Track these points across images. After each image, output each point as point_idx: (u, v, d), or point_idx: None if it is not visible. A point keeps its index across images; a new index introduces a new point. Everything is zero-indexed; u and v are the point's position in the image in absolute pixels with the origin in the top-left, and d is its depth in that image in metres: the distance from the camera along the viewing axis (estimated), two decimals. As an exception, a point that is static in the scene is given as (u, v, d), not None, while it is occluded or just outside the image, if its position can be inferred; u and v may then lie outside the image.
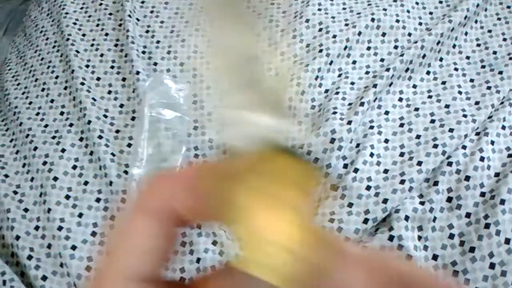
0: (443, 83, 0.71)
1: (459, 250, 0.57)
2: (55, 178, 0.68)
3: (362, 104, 0.66)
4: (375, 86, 0.68)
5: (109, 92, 0.76)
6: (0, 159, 0.73)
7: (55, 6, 0.88)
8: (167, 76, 0.75)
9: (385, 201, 0.60)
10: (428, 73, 0.72)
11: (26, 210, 0.68)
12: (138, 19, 0.82)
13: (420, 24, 0.76)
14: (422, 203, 0.60)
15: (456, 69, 0.72)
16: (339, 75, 0.73)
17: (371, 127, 0.66)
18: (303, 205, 0.16)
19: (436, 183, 0.60)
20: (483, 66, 0.72)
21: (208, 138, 0.70)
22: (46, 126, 0.74)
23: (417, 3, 0.79)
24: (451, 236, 0.58)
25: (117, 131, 0.72)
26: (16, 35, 0.99)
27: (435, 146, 0.63)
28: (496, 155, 0.62)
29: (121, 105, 0.74)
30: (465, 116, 0.65)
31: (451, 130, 0.64)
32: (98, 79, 0.77)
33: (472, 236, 0.57)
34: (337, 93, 0.70)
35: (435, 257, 0.58)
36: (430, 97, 0.69)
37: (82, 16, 0.85)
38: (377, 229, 0.60)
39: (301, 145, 0.65)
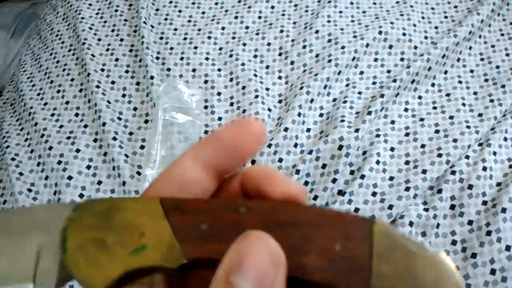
0: (448, 95, 0.73)
1: (461, 256, 0.59)
2: (70, 177, 0.70)
3: (369, 113, 0.69)
4: (382, 96, 0.70)
5: (123, 95, 0.78)
6: (15, 157, 0.75)
7: (71, 11, 0.91)
8: (180, 81, 0.77)
9: (390, 207, 0.62)
10: (433, 85, 0.74)
11: (40, 207, 0.70)
12: (152, 26, 0.85)
13: (426, 38, 0.79)
14: (426, 209, 0.62)
15: (460, 82, 0.74)
16: (347, 85, 0.75)
17: (378, 136, 0.69)
18: None
19: (440, 191, 0.62)
20: (486, 80, 0.74)
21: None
22: (61, 126, 0.76)
23: (423, 18, 0.82)
24: (454, 243, 0.60)
25: (131, 133, 0.74)
26: (28, 37, 1.01)
27: (439, 155, 0.65)
28: (498, 166, 0.65)
29: (135, 108, 0.77)
30: (468, 127, 0.68)
31: (455, 140, 0.66)
32: (113, 82, 0.79)
33: (474, 243, 0.59)
34: (345, 102, 0.72)
35: (437, 262, 0.59)
36: (435, 108, 0.72)
37: (97, 21, 0.88)
38: (382, 234, 0.62)
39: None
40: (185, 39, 0.84)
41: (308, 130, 0.72)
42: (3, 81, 1.42)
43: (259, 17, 0.85)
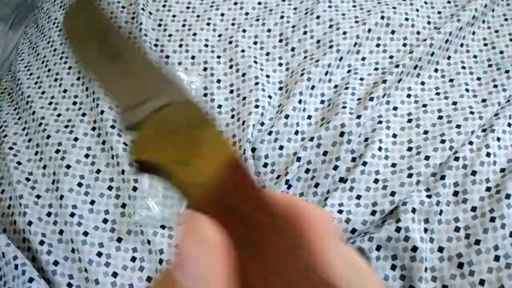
0: (451, 80, 0.72)
1: (465, 243, 0.58)
2: (68, 166, 0.69)
3: (371, 99, 0.68)
4: (384, 82, 0.69)
5: (122, 83, 0.77)
6: (12, 146, 0.75)
7: (68, -1, 0.89)
8: (179, 68, 0.76)
9: (392, 194, 0.61)
10: (436, 70, 0.73)
11: (38, 196, 0.69)
12: (150, 13, 0.84)
13: (429, 23, 0.78)
14: (429, 196, 0.61)
15: (463, 68, 0.73)
16: (349, 71, 0.74)
17: (380, 122, 0.68)
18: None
19: (443, 177, 0.62)
20: (490, 65, 0.73)
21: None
22: (59, 115, 0.75)
23: (426, 3, 0.80)
24: (457, 229, 0.59)
25: (129, 121, 0.73)
26: (26, 26, 1.00)
27: (443, 141, 0.64)
28: (502, 151, 0.64)
29: (133, 96, 0.76)
30: (472, 113, 0.67)
31: (458, 126, 0.65)
32: (111, 70, 0.78)
33: (477, 229, 0.58)
34: (346, 88, 0.71)
35: (440, 249, 0.59)
36: (438, 94, 0.71)
37: (95, 8, 0.86)
38: (384, 221, 0.61)
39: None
40: (184, 26, 0.82)
41: (309, 117, 0.71)
42: (2, 72, 1.41)
43: (259, 3, 0.83)
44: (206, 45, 0.79)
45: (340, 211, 0.61)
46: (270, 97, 0.73)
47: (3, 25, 1.57)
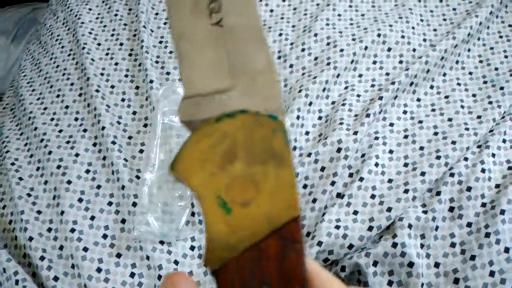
0: (446, 97, 0.73)
1: (460, 258, 0.59)
2: (69, 182, 0.70)
3: (368, 115, 0.69)
4: (380, 98, 0.70)
5: (123, 99, 0.78)
6: (14, 162, 0.76)
7: (70, 16, 0.91)
8: (179, 85, 0.77)
9: (389, 209, 0.62)
10: (431, 87, 0.74)
11: (39, 212, 0.70)
12: (152, 30, 0.85)
13: (425, 40, 0.79)
14: (425, 212, 0.61)
15: (459, 84, 0.74)
16: (346, 88, 0.75)
17: (376, 138, 0.69)
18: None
19: (438, 193, 0.62)
20: (485, 82, 0.74)
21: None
22: (60, 131, 0.77)
23: (421, 20, 0.82)
24: (453, 245, 0.60)
25: (130, 137, 0.74)
26: (28, 42, 1.02)
27: (438, 157, 0.65)
28: (496, 167, 0.65)
29: (134, 112, 0.77)
30: (467, 129, 0.68)
31: (453, 142, 0.66)
32: (112, 86, 0.79)
33: (473, 245, 0.59)
34: (343, 104, 0.72)
35: (437, 265, 0.59)
36: (433, 110, 0.72)
37: (97, 26, 0.88)
38: (381, 237, 0.62)
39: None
40: (184, 43, 0.84)
41: (307, 133, 0.72)
42: (3, 86, 1.42)
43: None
44: (206, 62, 0.81)
45: (337, 227, 0.61)
46: (268, 113, 0.74)
47: (5, 39, 1.59)
